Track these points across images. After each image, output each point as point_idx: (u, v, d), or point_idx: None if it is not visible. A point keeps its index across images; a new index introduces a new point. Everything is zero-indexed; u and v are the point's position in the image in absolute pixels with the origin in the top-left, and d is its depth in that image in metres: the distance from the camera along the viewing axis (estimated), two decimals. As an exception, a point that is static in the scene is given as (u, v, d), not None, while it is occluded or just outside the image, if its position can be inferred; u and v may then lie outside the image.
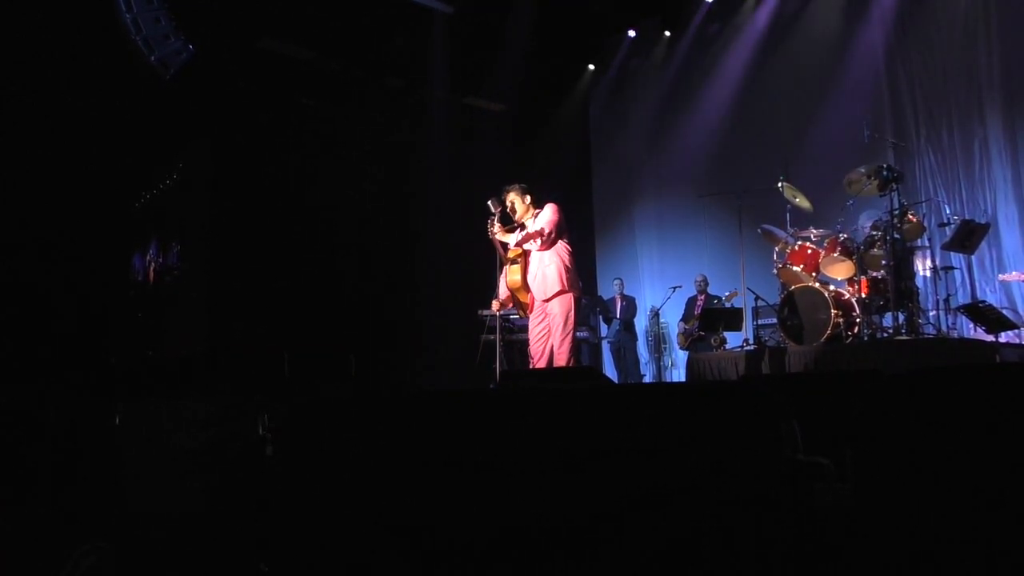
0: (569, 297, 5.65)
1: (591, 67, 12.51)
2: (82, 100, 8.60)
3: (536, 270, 5.73)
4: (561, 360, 5.56)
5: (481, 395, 2.21)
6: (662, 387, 3.18)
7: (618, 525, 1.45)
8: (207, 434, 3.42)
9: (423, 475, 1.92)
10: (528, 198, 5.90)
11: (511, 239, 5.81)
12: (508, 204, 5.88)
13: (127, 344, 10.46)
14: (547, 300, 5.63)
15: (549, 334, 5.65)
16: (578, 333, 8.70)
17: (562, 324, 5.59)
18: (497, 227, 5.81)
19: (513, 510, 1.66)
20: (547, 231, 5.64)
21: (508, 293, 5.86)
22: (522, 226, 5.89)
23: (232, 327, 7.76)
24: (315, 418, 2.57)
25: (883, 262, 6.50)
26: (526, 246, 5.75)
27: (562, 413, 1.64)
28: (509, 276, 5.82)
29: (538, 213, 5.82)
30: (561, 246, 5.72)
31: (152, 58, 8.26)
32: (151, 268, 10.91)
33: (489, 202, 5.85)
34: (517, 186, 5.91)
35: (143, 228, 11.29)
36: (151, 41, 8.16)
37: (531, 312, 5.81)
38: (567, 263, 5.69)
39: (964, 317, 6.83)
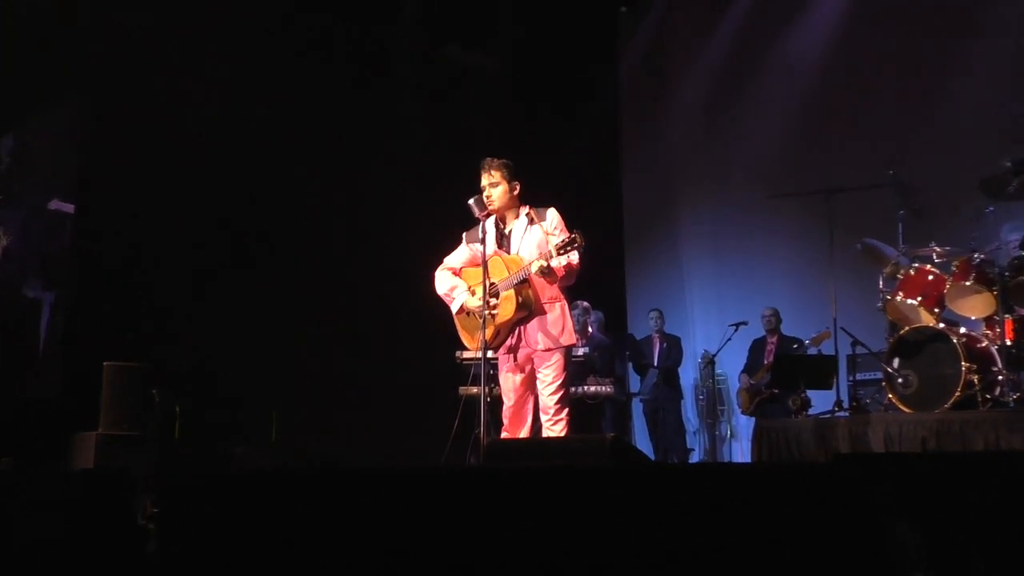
0: (568, 350, 5.86)
1: (623, 9, 12.50)
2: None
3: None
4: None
5: (451, 475, 2.16)
6: (716, 469, 3.13)
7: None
8: (62, 520, 3.37)
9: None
10: (516, 186, 5.92)
11: (510, 280, 5.80)
12: (485, 183, 5.88)
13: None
14: (546, 350, 5.74)
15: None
16: (591, 387, 8.77)
17: (560, 377, 5.74)
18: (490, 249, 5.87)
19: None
20: (575, 265, 5.64)
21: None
22: (492, 213, 5.91)
23: (98, 367, 7.63)
24: (210, 502, 2.51)
25: (1037, 296, 6.51)
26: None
27: (571, 507, 1.60)
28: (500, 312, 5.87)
29: (534, 216, 5.85)
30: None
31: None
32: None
33: (471, 202, 5.86)
34: (504, 163, 5.92)
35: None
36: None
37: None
38: (567, 304, 5.87)
39: None
